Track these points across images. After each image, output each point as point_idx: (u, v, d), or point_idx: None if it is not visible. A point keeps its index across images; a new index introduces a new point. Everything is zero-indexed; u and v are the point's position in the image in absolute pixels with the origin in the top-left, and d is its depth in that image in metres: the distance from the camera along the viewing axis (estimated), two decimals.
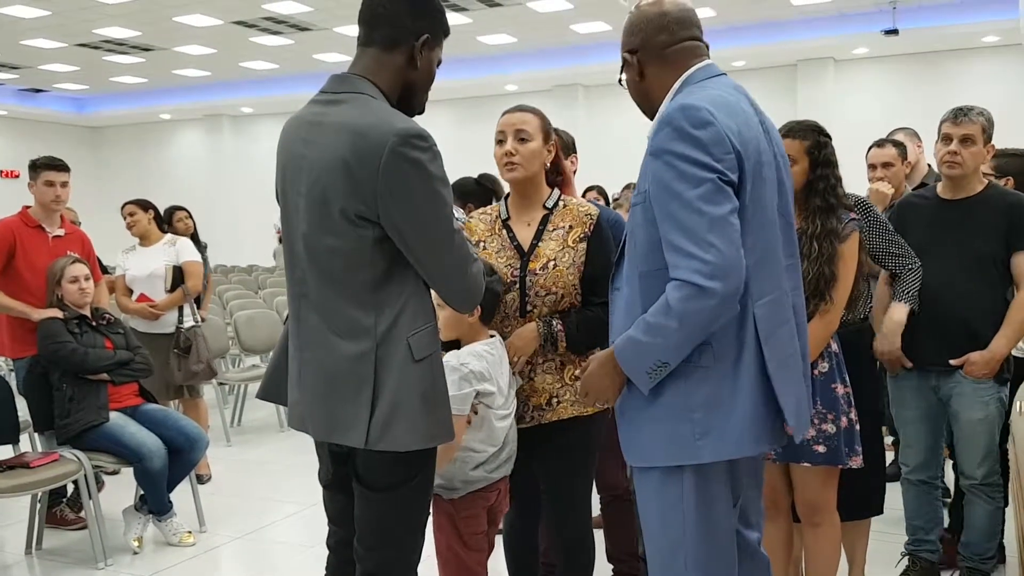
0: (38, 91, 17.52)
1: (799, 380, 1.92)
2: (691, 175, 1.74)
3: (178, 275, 5.02)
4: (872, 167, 3.97)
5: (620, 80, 2.06)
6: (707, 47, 1.99)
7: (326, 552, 2.26)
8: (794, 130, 2.64)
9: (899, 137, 4.33)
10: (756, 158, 1.82)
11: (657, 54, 1.94)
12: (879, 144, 4.07)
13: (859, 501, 2.85)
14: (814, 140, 2.62)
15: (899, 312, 3.00)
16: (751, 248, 1.79)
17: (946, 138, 3.04)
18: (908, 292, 3.00)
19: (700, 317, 1.73)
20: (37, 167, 4.33)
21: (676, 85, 1.93)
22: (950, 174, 3.05)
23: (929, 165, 4.52)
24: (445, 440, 2.02)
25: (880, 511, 2.97)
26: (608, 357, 1.89)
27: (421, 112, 2.13)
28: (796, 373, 1.91)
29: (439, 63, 2.10)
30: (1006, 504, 3.16)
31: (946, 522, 3.49)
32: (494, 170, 4.13)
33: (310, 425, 2.05)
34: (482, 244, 2.50)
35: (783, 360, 1.85)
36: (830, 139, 2.67)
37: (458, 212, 1.86)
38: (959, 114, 3.02)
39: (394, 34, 1.98)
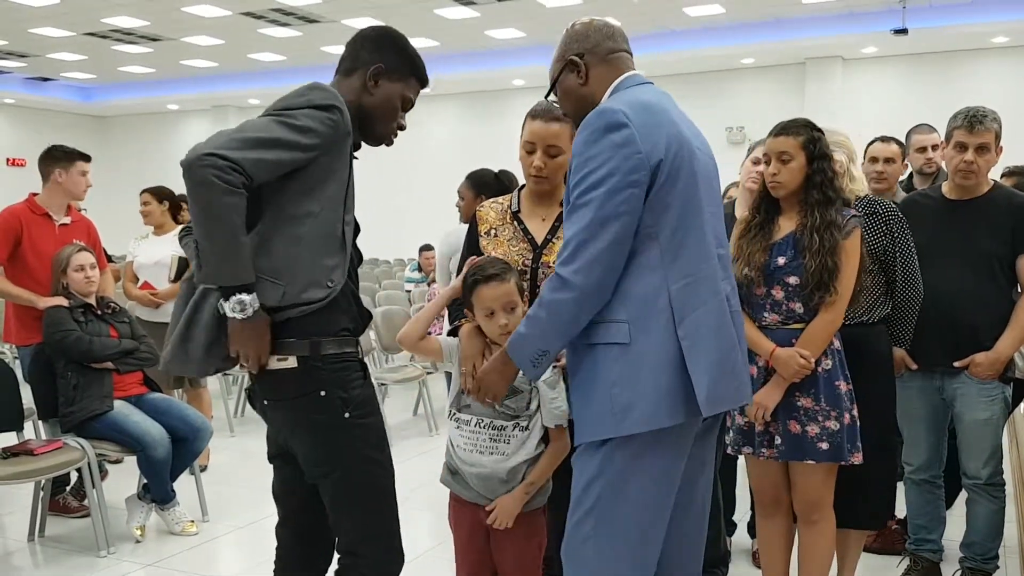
0: (46, 80, 17.54)
1: (721, 358, 1.92)
2: (595, 175, 1.85)
3: (184, 266, 5.01)
4: (874, 160, 3.86)
5: (551, 91, 2.16)
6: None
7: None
8: (787, 128, 2.67)
9: (923, 133, 4.28)
10: (677, 150, 1.90)
11: (602, 58, 2.07)
12: (884, 140, 4.01)
13: (871, 513, 2.85)
14: (808, 135, 2.64)
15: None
16: (673, 231, 1.88)
17: (961, 146, 3.00)
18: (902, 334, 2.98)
19: (562, 308, 1.85)
20: (72, 157, 4.28)
21: (609, 90, 2.05)
22: (965, 183, 3.03)
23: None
24: (182, 370, 2.11)
25: (884, 525, 2.96)
26: (502, 353, 2.01)
27: (379, 144, 2.28)
28: (715, 352, 1.91)
29: (407, 103, 2.26)
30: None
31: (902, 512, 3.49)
32: (498, 164, 4.14)
33: None
34: (493, 231, 2.51)
35: (697, 339, 1.89)
36: (822, 133, 2.69)
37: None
38: (974, 122, 2.97)
39: (352, 63, 2.24)
